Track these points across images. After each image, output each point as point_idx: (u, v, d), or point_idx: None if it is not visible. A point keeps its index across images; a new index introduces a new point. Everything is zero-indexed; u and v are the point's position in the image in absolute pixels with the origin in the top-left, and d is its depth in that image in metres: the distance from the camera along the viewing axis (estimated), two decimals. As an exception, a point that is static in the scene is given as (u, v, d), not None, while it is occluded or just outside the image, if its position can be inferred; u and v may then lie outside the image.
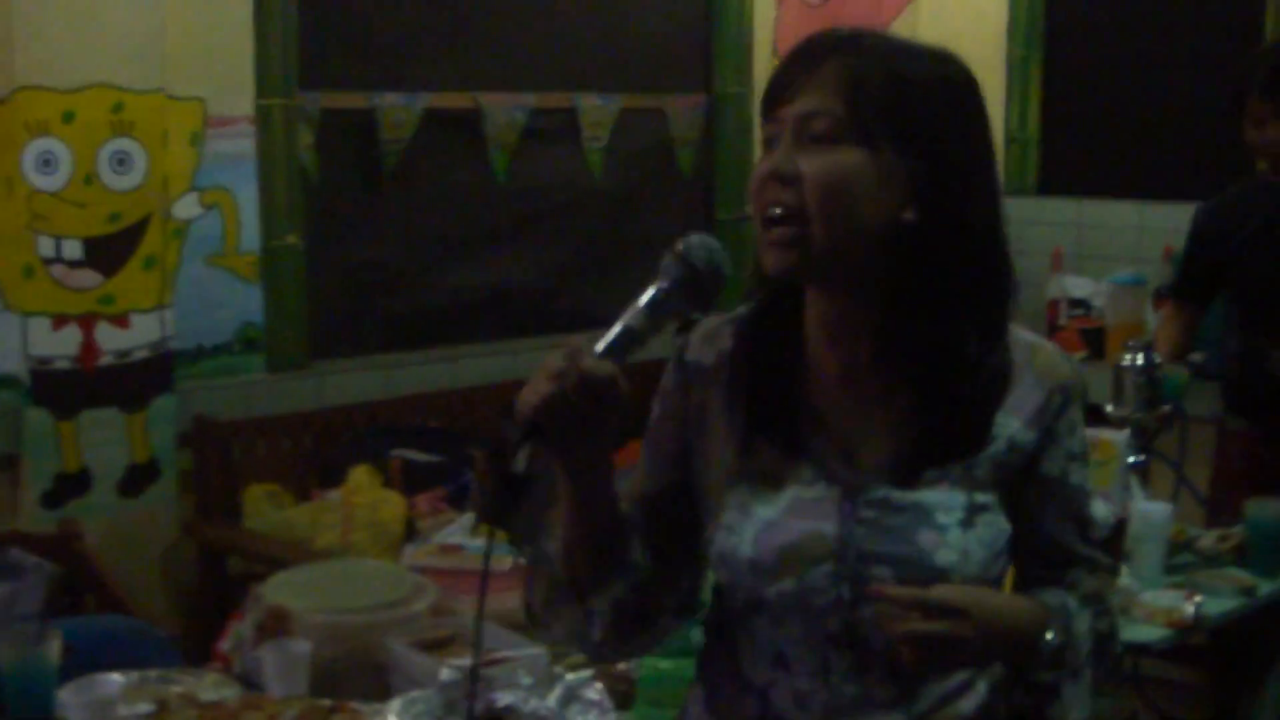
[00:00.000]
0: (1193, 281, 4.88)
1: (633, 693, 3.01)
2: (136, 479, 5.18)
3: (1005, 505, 1.98)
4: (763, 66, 7.01)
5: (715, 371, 2.09)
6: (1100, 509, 2.06)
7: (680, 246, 2.01)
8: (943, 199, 1.91)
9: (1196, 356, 5.18)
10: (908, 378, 1.97)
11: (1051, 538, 2.03)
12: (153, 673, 3.11)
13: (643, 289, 2.01)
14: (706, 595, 2.16)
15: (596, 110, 6.57)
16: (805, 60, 1.95)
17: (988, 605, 1.89)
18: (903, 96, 1.91)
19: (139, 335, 5.12)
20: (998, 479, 1.96)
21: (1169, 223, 5.92)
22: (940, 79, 1.96)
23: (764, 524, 1.99)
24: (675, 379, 2.14)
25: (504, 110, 6.27)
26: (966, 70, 1.99)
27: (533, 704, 2.87)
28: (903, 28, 7.20)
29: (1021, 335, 2.02)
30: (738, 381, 2.06)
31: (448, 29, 6.14)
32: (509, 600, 3.65)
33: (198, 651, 3.73)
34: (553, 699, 2.87)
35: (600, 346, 1.91)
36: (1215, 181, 5.29)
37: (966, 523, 1.93)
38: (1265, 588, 3.96)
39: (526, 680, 2.93)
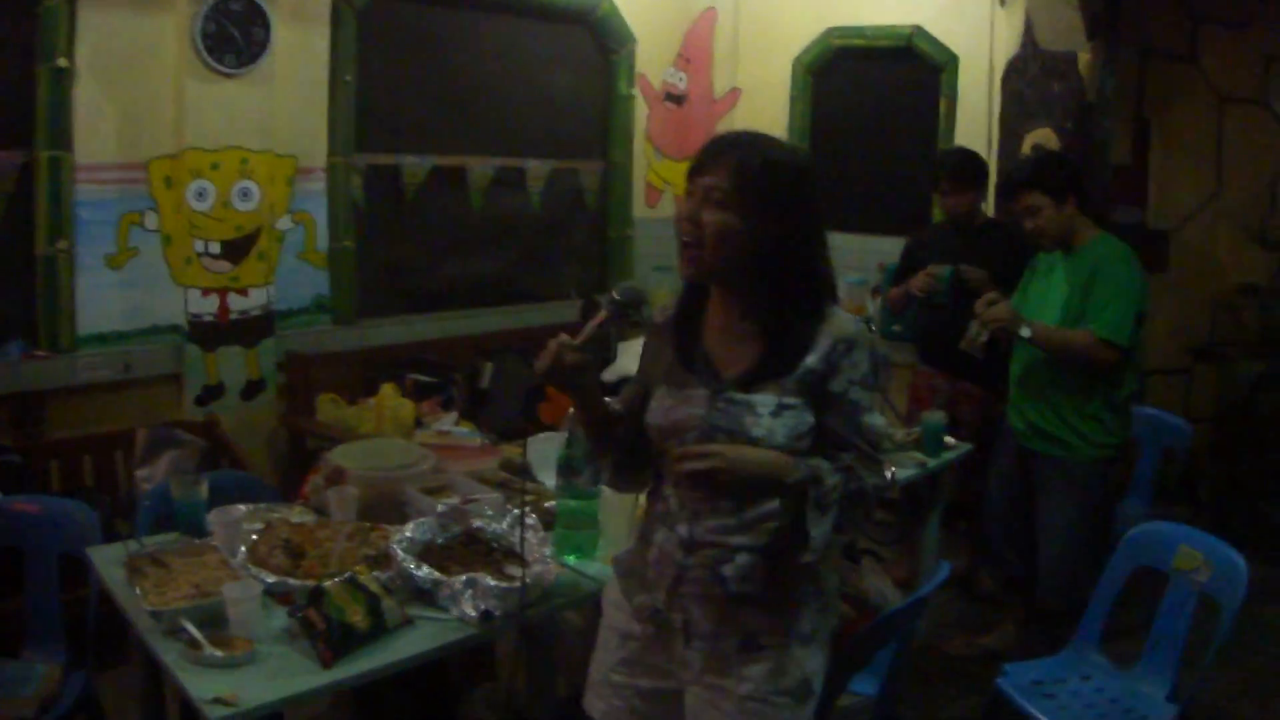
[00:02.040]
0: (901, 280, 4.98)
1: (553, 520, 3.05)
2: (252, 389, 5.18)
3: (811, 408, 2.13)
4: (639, 144, 7.06)
5: (664, 327, 2.31)
6: (875, 419, 2.20)
7: (614, 293, 2.31)
8: (785, 239, 2.10)
9: (898, 328, 5.28)
10: (756, 331, 2.16)
11: (834, 430, 2.15)
12: (263, 505, 3.15)
13: (594, 309, 2.38)
14: None
15: (537, 169, 6.57)
16: (714, 150, 2.14)
17: (739, 451, 2.07)
18: (768, 175, 2.09)
19: (254, 301, 5.11)
20: (800, 390, 2.13)
21: (881, 246, 6.03)
22: (791, 163, 2.13)
23: (667, 408, 2.22)
24: (647, 335, 2.39)
25: (480, 167, 6.28)
26: (809, 157, 2.24)
27: (493, 527, 2.91)
28: (725, 124, 7.25)
29: (835, 311, 2.18)
30: (673, 332, 2.25)
31: (446, 116, 6.12)
32: (478, 464, 3.71)
33: (289, 494, 3.75)
34: (505, 523, 2.91)
35: (577, 342, 2.20)
36: (904, 223, 5.40)
37: (775, 414, 2.11)
38: (931, 463, 4.12)
39: (490, 512, 2.97)
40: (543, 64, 6.55)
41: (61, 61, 4.54)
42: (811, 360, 2.12)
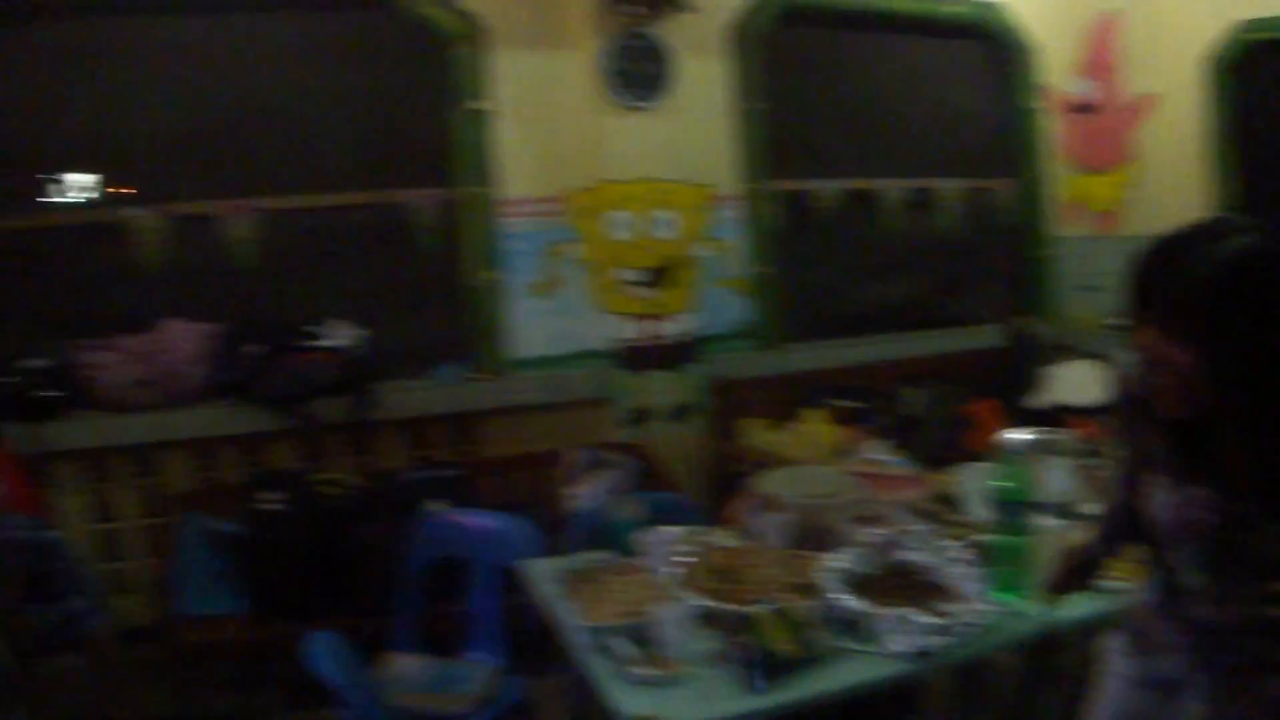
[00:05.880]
0: None
1: (985, 554, 2.92)
2: (678, 413, 5.33)
3: None
4: (1052, 159, 6.73)
5: (1142, 403, 2.04)
6: None
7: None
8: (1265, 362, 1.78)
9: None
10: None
11: None
12: (695, 529, 3.19)
13: None
14: None
15: (947, 189, 6.41)
16: (1152, 269, 1.84)
17: None
18: (1219, 297, 1.76)
19: (676, 327, 5.28)
20: None
21: None
22: (1245, 261, 1.76)
23: (1172, 504, 2.01)
24: (1122, 396, 2.14)
25: (891, 190, 6.19)
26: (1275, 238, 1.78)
27: (924, 560, 2.82)
28: (1139, 133, 6.85)
29: None
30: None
31: (852, 139, 6.10)
32: (905, 494, 3.62)
33: (712, 516, 3.78)
34: (936, 557, 2.81)
35: (1074, 547, 2.33)
36: None
37: None
38: None
39: (920, 545, 2.89)
40: (944, 81, 6.41)
41: (478, 103, 4.94)
42: None
